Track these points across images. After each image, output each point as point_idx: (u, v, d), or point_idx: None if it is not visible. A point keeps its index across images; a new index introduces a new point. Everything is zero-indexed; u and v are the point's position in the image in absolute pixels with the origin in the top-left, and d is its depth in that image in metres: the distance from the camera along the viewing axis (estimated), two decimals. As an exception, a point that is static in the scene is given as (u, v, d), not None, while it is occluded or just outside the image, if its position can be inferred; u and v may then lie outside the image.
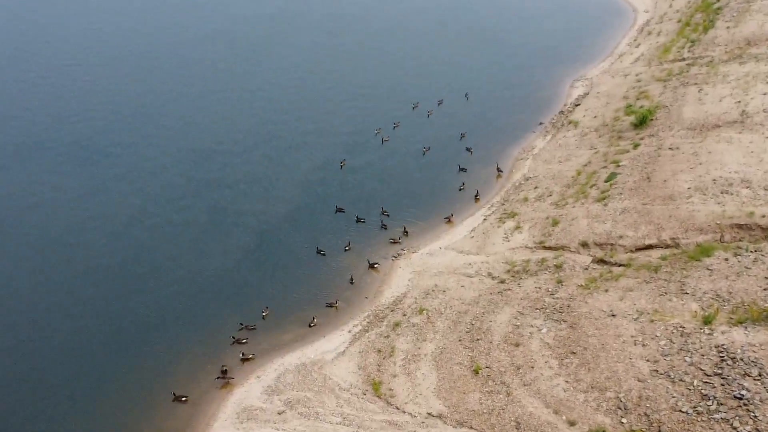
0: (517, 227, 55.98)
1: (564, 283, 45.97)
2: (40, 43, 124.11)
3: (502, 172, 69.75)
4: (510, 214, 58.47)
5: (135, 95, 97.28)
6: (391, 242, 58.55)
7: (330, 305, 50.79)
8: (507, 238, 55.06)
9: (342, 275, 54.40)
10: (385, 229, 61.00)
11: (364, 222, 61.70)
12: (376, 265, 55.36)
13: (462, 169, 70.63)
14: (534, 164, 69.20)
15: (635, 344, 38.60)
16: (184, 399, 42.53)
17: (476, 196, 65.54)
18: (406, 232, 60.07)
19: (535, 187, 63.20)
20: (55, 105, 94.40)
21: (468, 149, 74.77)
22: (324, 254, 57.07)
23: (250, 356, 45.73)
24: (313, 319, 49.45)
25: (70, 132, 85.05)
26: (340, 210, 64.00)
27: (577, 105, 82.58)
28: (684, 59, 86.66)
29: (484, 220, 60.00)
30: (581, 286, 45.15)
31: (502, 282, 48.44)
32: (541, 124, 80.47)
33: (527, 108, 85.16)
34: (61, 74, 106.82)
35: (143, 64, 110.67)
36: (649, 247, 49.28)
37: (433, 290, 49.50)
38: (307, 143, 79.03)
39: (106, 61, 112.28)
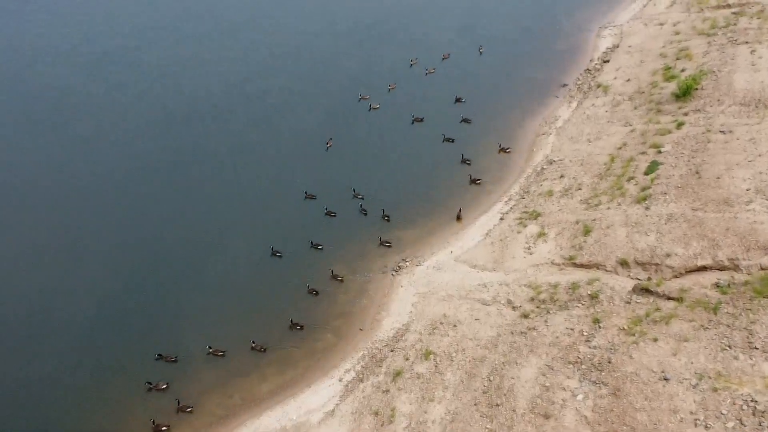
0: (541, 234, 47.08)
1: (602, 324, 37.63)
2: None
3: (509, 149, 59.99)
4: (532, 214, 49.43)
5: (95, 41, 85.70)
6: (387, 246, 49.79)
7: (295, 327, 43.29)
8: (529, 248, 46.27)
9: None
10: (365, 214, 53.06)
11: (334, 216, 52.91)
12: (339, 279, 46.97)
13: (448, 140, 61.31)
14: (558, 142, 59.47)
15: (696, 425, 30.75)
16: None
17: (475, 180, 56.39)
18: (387, 217, 52.31)
19: (561, 176, 53.85)
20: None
21: (464, 119, 64.48)
22: (280, 256, 49.03)
23: (189, 408, 38.01)
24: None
25: (17, 88, 74.91)
26: (310, 197, 55.36)
27: (605, 61, 71.84)
28: (729, 5, 75.54)
29: (501, 219, 50.94)
30: (623, 329, 36.87)
31: (526, 316, 40.01)
32: (564, 86, 69.70)
33: (548, 64, 73.96)
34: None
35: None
36: (703, 268, 40.86)
37: (441, 323, 41.01)
38: (292, 110, 68.95)
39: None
